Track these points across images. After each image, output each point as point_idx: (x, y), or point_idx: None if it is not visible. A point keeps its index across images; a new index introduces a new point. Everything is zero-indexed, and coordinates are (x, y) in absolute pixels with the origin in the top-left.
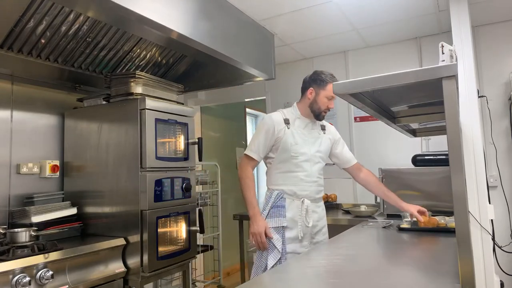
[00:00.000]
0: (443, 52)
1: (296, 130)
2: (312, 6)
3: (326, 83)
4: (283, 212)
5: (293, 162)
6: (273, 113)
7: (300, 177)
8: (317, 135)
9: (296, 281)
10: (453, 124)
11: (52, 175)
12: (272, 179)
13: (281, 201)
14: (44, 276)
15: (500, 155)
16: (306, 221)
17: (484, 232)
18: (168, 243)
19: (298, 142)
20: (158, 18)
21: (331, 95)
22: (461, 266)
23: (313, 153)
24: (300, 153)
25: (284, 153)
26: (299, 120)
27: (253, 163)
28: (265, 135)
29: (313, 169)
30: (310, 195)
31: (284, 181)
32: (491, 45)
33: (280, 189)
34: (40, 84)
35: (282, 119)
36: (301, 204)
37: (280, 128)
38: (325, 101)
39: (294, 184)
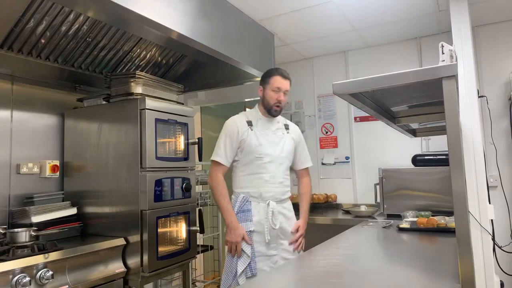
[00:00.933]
0: (443, 52)
1: (260, 131)
2: (312, 6)
3: (270, 76)
4: (249, 217)
5: (258, 163)
6: (236, 116)
7: (265, 179)
8: (281, 135)
9: (296, 281)
10: (453, 124)
11: (52, 175)
12: (238, 182)
13: (246, 205)
14: (44, 276)
15: (500, 155)
16: (272, 223)
17: (484, 232)
18: (168, 243)
19: (262, 143)
20: (158, 18)
21: (276, 87)
22: (461, 266)
23: (278, 154)
24: (265, 154)
25: (249, 155)
26: (261, 121)
27: (223, 169)
28: (230, 139)
29: (278, 170)
30: (275, 196)
31: (249, 183)
32: (491, 45)
33: (245, 192)
34: (40, 84)
35: (245, 121)
36: (266, 207)
37: (244, 130)
38: (272, 95)
39: (259, 186)
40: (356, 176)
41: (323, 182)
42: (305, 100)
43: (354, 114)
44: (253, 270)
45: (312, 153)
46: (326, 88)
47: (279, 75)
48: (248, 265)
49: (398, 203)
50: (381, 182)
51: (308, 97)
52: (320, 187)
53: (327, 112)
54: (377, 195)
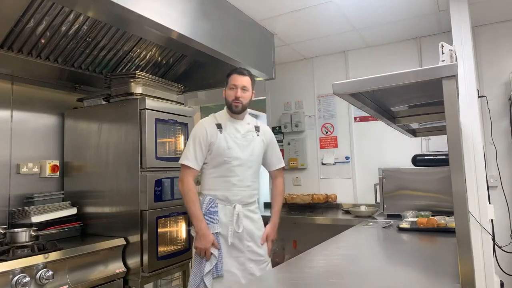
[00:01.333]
0: (443, 52)
1: (229, 134)
2: (312, 6)
3: (228, 76)
4: (216, 218)
5: (226, 166)
6: (205, 118)
7: (232, 182)
8: (251, 138)
9: (296, 281)
10: (453, 124)
11: (52, 175)
12: (205, 184)
13: (213, 207)
14: (44, 276)
15: (500, 155)
16: (236, 227)
17: (484, 232)
18: (168, 243)
19: (231, 146)
20: (158, 18)
21: (232, 84)
22: (461, 266)
23: (247, 157)
24: (233, 158)
25: (218, 157)
26: (230, 123)
27: (193, 173)
28: (199, 142)
29: (246, 174)
30: (242, 199)
31: (217, 186)
32: (491, 45)
33: (212, 194)
34: (40, 84)
35: (214, 124)
36: (232, 209)
37: (213, 133)
38: (230, 92)
39: (227, 189)
40: (356, 176)
41: (323, 182)
42: (305, 100)
43: (354, 114)
44: (219, 271)
45: (312, 153)
46: (326, 88)
47: (235, 73)
48: (214, 266)
49: (398, 203)
50: (381, 182)
51: (308, 97)
52: (320, 187)
53: (327, 112)
54: (377, 195)
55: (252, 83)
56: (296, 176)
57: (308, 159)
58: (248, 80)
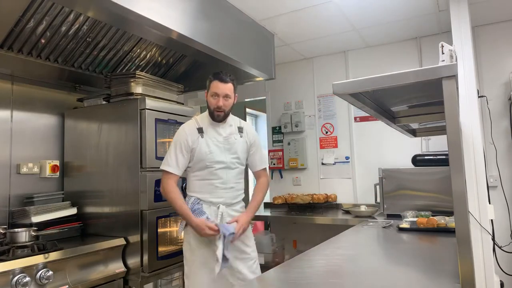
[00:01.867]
0: (443, 52)
1: (210, 138)
2: (312, 6)
3: (210, 81)
4: (202, 213)
5: (209, 170)
6: (187, 122)
7: (215, 185)
8: (233, 140)
9: (296, 281)
10: (453, 124)
11: (52, 175)
12: (190, 186)
13: (197, 205)
14: (44, 276)
15: (500, 155)
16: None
17: (484, 232)
18: (168, 243)
19: (212, 150)
20: (158, 18)
21: (213, 92)
22: (461, 266)
23: (229, 160)
24: (215, 162)
25: (199, 162)
26: (212, 126)
27: (175, 178)
28: (181, 148)
29: (229, 176)
30: (225, 201)
31: (200, 189)
32: (491, 45)
33: (196, 196)
34: (40, 84)
35: (195, 129)
36: (217, 210)
37: (194, 139)
38: (211, 100)
39: (209, 192)
40: (356, 176)
41: (323, 182)
42: (305, 100)
43: (354, 114)
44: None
45: (312, 153)
46: (326, 88)
47: (217, 79)
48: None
49: (398, 203)
50: (381, 182)
51: (308, 97)
52: (320, 187)
53: (327, 112)
54: (377, 195)
55: (234, 88)
56: (296, 176)
57: (308, 159)
58: (231, 87)
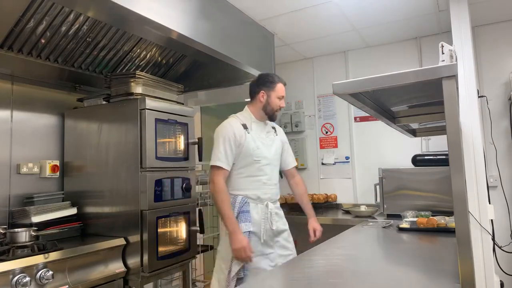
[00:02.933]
0: (443, 52)
1: (255, 134)
2: (312, 6)
3: (275, 84)
4: (249, 217)
5: (256, 166)
6: (230, 119)
7: (263, 181)
8: (273, 137)
9: (296, 281)
10: (453, 124)
11: (52, 175)
12: (234, 184)
13: (245, 206)
14: (44, 276)
15: (500, 155)
16: (270, 224)
17: (484, 232)
18: (168, 243)
19: (259, 146)
20: (158, 18)
21: (281, 95)
22: (461, 266)
23: (272, 156)
24: (262, 157)
25: (247, 158)
26: (255, 124)
27: (224, 174)
28: (229, 143)
29: (273, 172)
30: (272, 197)
31: (247, 186)
32: (491, 45)
33: (243, 194)
34: (40, 84)
35: (240, 125)
36: (265, 208)
37: (241, 134)
38: (277, 102)
39: (257, 188)
40: (356, 176)
41: (323, 182)
42: (305, 100)
43: (354, 114)
44: (245, 271)
45: (312, 153)
46: (326, 88)
47: (281, 82)
48: (241, 267)
49: (398, 203)
50: (381, 182)
51: (308, 97)
52: (320, 187)
53: (327, 112)
54: (377, 195)
55: None
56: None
57: (308, 159)
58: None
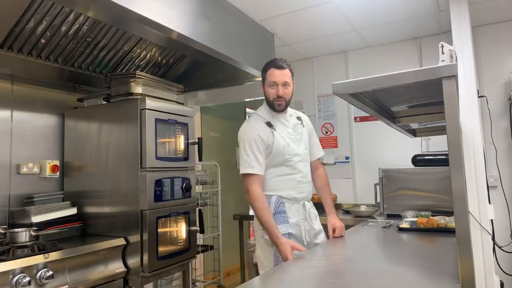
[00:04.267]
0: (443, 52)
1: (282, 130)
2: (312, 6)
3: (265, 71)
4: (286, 218)
5: (288, 164)
6: (252, 120)
7: (297, 179)
8: (300, 130)
9: (296, 281)
10: (453, 124)
11: (52, 175)
12: (266, 185)
13: (281, 206)
14: (44, 276)
15: (500, 155)
16: (311, 224)
17: (484, 232)
18: (168, 243)
19: (289, 143)
20: (158, 18)
21: (272, 81)
22: (461, 266)
23: (303, 151)
24: (294, 154)
25: (278, 157)
26: (277, 118)
27: (259, 179)
28: (256, 146)
29: (306, 168)
30: (307, 196)
31: (281, 186)
32: (491, 45)
33: (277, 195)
34: (40, 84)
35: (264, 124)
36: (301, 207)
37: (268, 134)
38: (270, 91)
39: (292, 187)
40: (356, 176)
41: None
42: (305, 100)
43: (354, 114)
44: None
45: None
46: (326, 88)
47: (273, 67)
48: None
49: (398, 203)
50: (381, 182)
51: (308, 97)
52: None
53: (327, 112)
54: (377, 195)
55: (292, 75)
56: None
57: None
58: (289, 73)
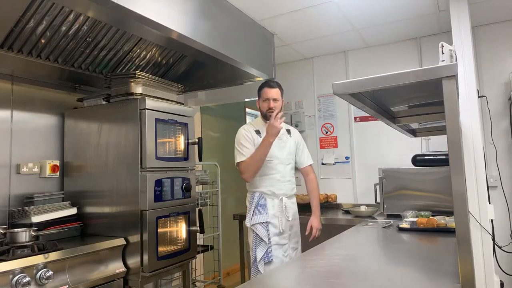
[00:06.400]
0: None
1: None
2: (312, 6)
3: (261, 90)
4: (265, 210)
5: (269, 166)
6: (244, 126)
7: (276, 178)
8: (285, 139)
9: (296, 281)
10: (453, 124)
11: (52, 175)
12: (252, 183)
13: (262, 200)
14: (44, 276)
15: (500, 155)
16: (286, 216)
17: (484, 232)
18: (168, 243)
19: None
20: (158, 18)
21: (265, 97)
22: (461, 266)
23: (285, 156)
24: (274, 157)
25: None
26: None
27: None
28: (246, 141)
29: (286, 170)
30: (286, 192)
31: (263, 183)
32: (491, 45)
33: (260, 191)
34: (40, 84)
35: (253, 130)
36: (280, 202)
37: (254, 137)
38: (263, 104)
39: (272, 185)
40: (356, 176)
41: (323, 182)
42: (305, 100)
43: (354, 114)
44: (269, 257)
45: (312, 153)
46: (326, 88)
47: (266, 86)
48: (265, 252)
49: (398, 203)
50: (381, 182)
51: (308, 97)
52: (320, 187)
53: (327, 112)
54: (377, 195)
55: (281, 93)
56: (296, 176)
57: None
58: (278, 91)
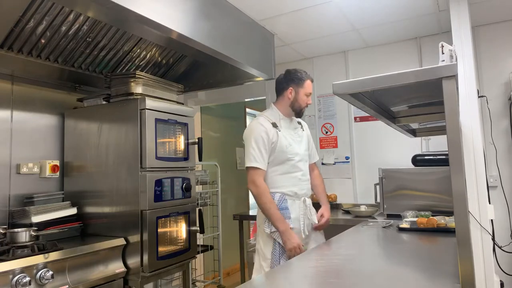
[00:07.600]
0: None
1: (286, 131)
2: (312, 6)
3: (304, 80)
4: (288, 214)
5: (290, 163)
6: (259, 119)
7: (298, 177)
8: (301, 133)
9: (296, 281)
10: (453, 124)
11: (52, 175)
12: (270, 182)
13: (284, 203)
14: (44, 276)
15: (500, 155)
16: (311, 219)
17: (484, 232)
18: (168, 243)
19: (291, 143)
20: (158, 18)
21: (309, 92)
22: (461, 266)
23: (303, 152)
24: (295, 154)
25: (281, 156)
26: (283, 121)
27: (262, 173)
28: (263, 142)
29: (306, 167)
30: (307, 193)
31: (284, 183)
32: (491, 45)
33: (280, 191)
34: (40, 84)
35: (270, 124)
36: (302, 203)
37: (273, 133)
38: (305, 98)
39: (294, 184)
40: (356, 176)
41: None
42: None
43: (354, 114)
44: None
45: None
46: (326, 88)
47: (310, 79)
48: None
49: (398, 203)
50: (381, 182)
51: None
52: None
53: (327, 112)
54: (377, 195)
55: None
56: None
57: None
58: None
